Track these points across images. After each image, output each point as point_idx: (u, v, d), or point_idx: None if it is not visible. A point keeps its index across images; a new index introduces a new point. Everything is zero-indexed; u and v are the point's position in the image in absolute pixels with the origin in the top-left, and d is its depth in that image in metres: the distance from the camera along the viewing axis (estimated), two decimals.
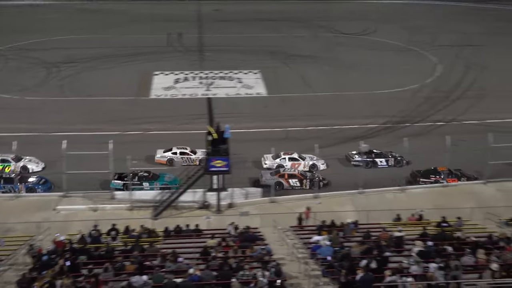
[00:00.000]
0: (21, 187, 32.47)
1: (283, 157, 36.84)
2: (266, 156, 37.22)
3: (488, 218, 28.43)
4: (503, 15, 78.78)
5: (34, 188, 32.83)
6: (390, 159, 37.05)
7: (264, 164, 36.81)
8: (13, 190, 32.30)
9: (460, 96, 50.24)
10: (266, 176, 34.35)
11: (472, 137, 39.57)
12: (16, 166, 34.59)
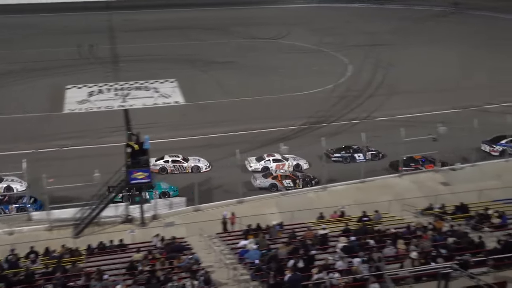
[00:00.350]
0: (12, 208, 31.53)
1: (267, 159, 37.22)
2: (249, 159, 37.36)
3: (405, 209, 29.70)
4: (407, 14, 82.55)
5: (25, 207, 31.43)
6: (368, 154, 38.08)
7: (249, 167, 36.85)
8: (3, 212, 31.28)
9: (372, 94, 52.16)
10: (260, 180, 34.47)
11: (385, 132, 41.30)
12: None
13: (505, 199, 30.48)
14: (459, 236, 23.62)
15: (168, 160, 37.02)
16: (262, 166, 36.90)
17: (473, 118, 38.73)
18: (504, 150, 38.80)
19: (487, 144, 39.52)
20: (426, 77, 56.36)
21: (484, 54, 63.76)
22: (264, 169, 36.62)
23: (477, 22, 78.59)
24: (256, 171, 36.54)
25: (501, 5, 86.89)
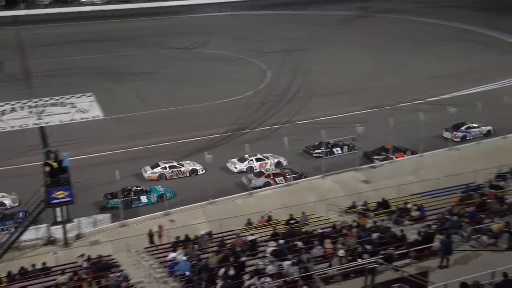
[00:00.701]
0: (9, 224, 30.42)
1: (250, 159, 37.89)
2: (232, 161, 37.98)
3: (330, 209, 30.45)
4: (319, 19, 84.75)
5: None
6: (345, 147, 40.10)
7: (234, 169, 37.49)
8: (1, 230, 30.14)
9: (292, 98, 53.13)
10: (255, 180, 35.05)
11: (307, 135, 42.19)
12: None
13: (422, 193, 31.99)
14: (382, 231, 24.49)
15: (166, 167, 37.03)
16: (246, 167, 37.55)
17: (388, 116, 40.47)
18: (464, 135, 42.08)
19: (449, 131, 41.80)
20: (342, 79, 58.07)
21: (394, 55, 66.53)
22: (249, 169, 37.32)
23: (385, 25, 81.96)
24: (241, 171, 37.16)
25: (409, 8, 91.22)
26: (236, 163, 37.98)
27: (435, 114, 45.09)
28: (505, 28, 75.59)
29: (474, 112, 41.27)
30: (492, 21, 79.46)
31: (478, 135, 42.52)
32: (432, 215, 27.66)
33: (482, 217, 25.23)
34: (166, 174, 36.81)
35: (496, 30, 75.13)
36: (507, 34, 72.84)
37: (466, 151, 39.18)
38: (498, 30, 74.87)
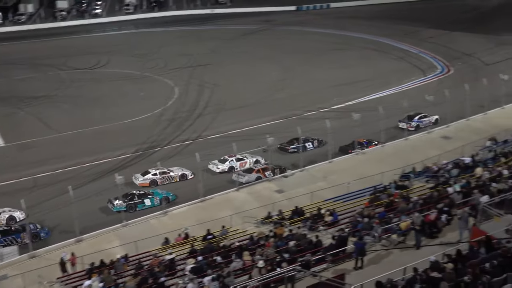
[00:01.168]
0: (24, 236, 30.55)
1: (230, 159, 39.90)
2: (213, 163, 39.91)
3: (246, 221, 30.65)
4: (223, 34, 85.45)
5: (38, 234, 31.15)
6: (315, 142, 43.50)
7: (216, 169, 39.55)
8: (15, 241, 30.64)
9: (201, 113, 53.11)
10: (248, 176, 37.24)
11: (218, 149, 42.35)
12: (1, 218, 32.91)
13: (334, 198, 32.98)
14: (298, 238, 24.96)
15: (156, 173, 37.99)
16: (228, 167, 39.63)
17: (296, 126, 41.50)
18: (417, 125, 46.19)
19: (404, 122, 45.84)
20: (249, 92, 58.83)
21: (297, 65, 68.31)
22: (231, 169, 39.37)
23: (287, 37, 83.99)
24: (224, 171, 39.39)
25: (308, 19, 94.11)
26: (218, 164, 39.86)
27: (341, 121, 46.84)
28: (395, 35, 79.99)
29: (376, 116, 43.24)
30: (384, 29, 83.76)
31: (428, 124, 46.36)
32: (345, 219, 28.56)
33: (390, 217, 26.38)
34: (157, 180, 37.85)
35: (388, 37, 79.28)
36: (398, 42, 77.08)
37: (372, 154, 40.92)
38: (390, 38, 79.05)
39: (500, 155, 35.51)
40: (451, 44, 75.25)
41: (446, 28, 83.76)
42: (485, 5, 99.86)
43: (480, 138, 40.70)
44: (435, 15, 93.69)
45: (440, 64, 67.25)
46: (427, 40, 77.81)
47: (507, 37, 77.19)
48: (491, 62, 66.57)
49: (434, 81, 61.24)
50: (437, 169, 34.88)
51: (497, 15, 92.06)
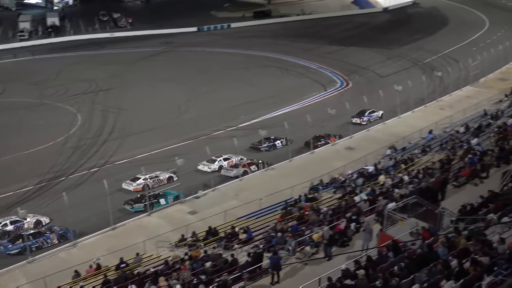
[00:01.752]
0: (53, 237, 33.07)
1: (219, 159, 42.95)
2: (202, 164, 42.65)
3: (160, 246, 30.08)
4: (124, 58, 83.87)
5: (65, 234, 33.30)
6: (283, 140, 47.05)
7: (208, 169, 42.27)
8: (46, 242, 32.75)
9: (107, 139, 51.71)
10: (236, 170, 41.23)
11: (127, 174, 41.39)
12: (29, 223, 34.85)
13: (247, 215, 33.17)
14: (214, 259, 24.82)
15: (146, 178, 39.98)
16: (218, 166, 42.48)
17: (205, 146, 41.51)
18: (368, 119, 51.63)
19: (357, 117, 51.31)
20: (154, 114, 58.08)
21: (201, 86, 68.33)
22: (220, 168, 42.38)
23: (190, 58, 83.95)
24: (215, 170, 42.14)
25: (211, 39, 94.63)
26: (208, 164, 42.62)
27: (249, 138, 47.47)
28: (296, 52, 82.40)
29: (283, 132, 44.18)
30: (284, 47, 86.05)
31: (376, 118, 52.05)
32: (259, 235, 28.79)
33: (303, 229, 26.92)
34: (148, 184, 39.61)
35: (289, 55, 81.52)
36: (299, 59, 79.43)
37: (281, 169, 41.69)
38: (291, 55, 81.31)
39: (400, 162, 37.40)
40: (347, 58, 78.56)
41: (341, 44, 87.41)
42: (373, 22, 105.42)
43: (381, 147, 42.67)
44: (329, 32, 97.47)
45: (339, 78, 69.98)
46: (325, 56, 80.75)
47: (397, 50, 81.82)
48: (385, 74, 70.23)
49: (334, 94, 63.55)
50: (343, 179, 36.11)
51: (385, 30, 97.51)
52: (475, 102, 52.74)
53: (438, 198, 27.00)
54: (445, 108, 53.69)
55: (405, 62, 75.76)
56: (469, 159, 31.24)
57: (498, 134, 35.30)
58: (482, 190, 25.53)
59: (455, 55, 76.28)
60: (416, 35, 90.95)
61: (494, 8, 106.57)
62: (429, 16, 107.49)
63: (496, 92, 56.18)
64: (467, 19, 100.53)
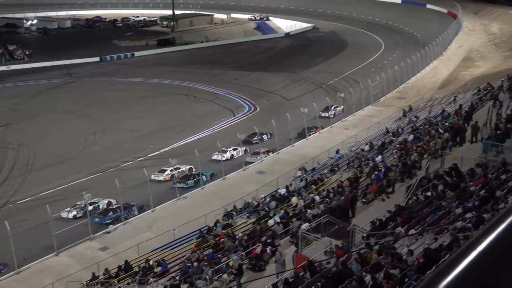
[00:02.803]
0: (135, 209, 39.06)
1: (229, 149, 50.42)
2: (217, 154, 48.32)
3: (69, 287, 28.68)
4: (22, 91, 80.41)
5: (143, 207, 39.73)
6: (268, 134, 55.14)
7: (222, 158, 47.35)
8: (130, 214, 38.41)
9: (7, 177, 49.00)
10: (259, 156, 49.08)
11: (31, 214, 39.34)
12: (103, 203, 41.09)
13: (161, 246, 32.48)
14: None
15: (172, 169, 44.62)
16: (230, 154, 49.97)
17: (114, 178, 40.35)
18: (334, 113, 60.15)
19: (325, 111, 60.34)
20: (58, 149, 55.88)
21: (106, 117, 66.75)
22: (232, 156, 50.01)
23: (93, 88, 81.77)
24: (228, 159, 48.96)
25: (113, 69, 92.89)
26: (222, 154, 47.91)
27: (160, 167, 46.84)
28: (203, 79, 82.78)
29: (194, 160, 43.94)
30: (191, 74, 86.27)
31: (339, 112, 61.06)
32: (175, 266, 28.23)
33: (219, 257, 26.72)
34: (174, 174, 44.57)
35: (196, 82, 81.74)
36: (206, 85, 79.84)
37: (193, 197, 41.33)
38: (199, 82, 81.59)
39: (311, 182, 38.26)
40: (254, 83, 79.96)
41: (247, 69, 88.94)
42: (277, 47, 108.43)
43: (291, 169, 43.47)
44: (235, 58, 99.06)
45: (247, 103, 70.98)
46: (232, 81, 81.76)
47: (301, 74, 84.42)
48: (291, 97, 72.09)
49: (243, 119, 64.30)
50: (256, 203, 36.35)
51: (288, 54, 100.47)
52: (377, 120, 55.25)
53: (349, 216, 27.85)
54: (349, 127, 55.80)
55: (309, 85, 78.23)
56: (375, 176, 32.49)
57: (400, 150, 37.06)
58: (389, 205, 26.60)
59: (355, 76, 79.88)
60: (318, 59, 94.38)
61: (390, 32, 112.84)
62: (329, 40, 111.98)
63: (396, 110, 59.24)
64: (364, 42, 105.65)
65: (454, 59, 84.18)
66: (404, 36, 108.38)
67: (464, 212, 21.23)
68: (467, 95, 53.54)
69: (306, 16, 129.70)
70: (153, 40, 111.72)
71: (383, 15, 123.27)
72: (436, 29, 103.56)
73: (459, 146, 34.87)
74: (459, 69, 78.97)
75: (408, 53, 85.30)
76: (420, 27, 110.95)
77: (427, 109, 53.95)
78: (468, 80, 70.90)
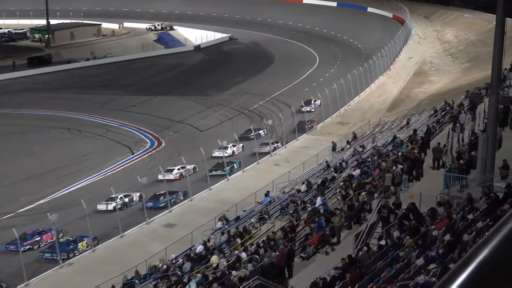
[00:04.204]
0: (181, 194, 51.62)
1: (228, 146, 60.57)
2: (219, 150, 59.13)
3: None
4: None
5: (186, 192, 51.51)
6: (265, 130, 67.05)
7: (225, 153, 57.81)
8: (177, 198, 51.03)
9: None
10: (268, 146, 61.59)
11: None
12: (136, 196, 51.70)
13: None
14: None
15: (179, 168, 55.46)
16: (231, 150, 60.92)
17: None
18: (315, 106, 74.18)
19: (306, 106, 73.93)
20: None
21: None
22: (232, 153, 60.83)
23: None
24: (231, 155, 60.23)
25: None
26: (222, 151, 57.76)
27: (36, 224, 45.42)
28: (87, 108, 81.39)
29: (79, 212, 42.96)
30: (73, 102, 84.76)
31: (318, 106, 73.59)
32: None
33: None
34: (182, 172, 54.89)
35: (81, 111, 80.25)
36: (92, 116, 78.59)
37: (80, 264, 40.35)
38: (83, 112, 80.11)
39: (235, 235, 38.13)
40: (157, 111, 79.55)
41: (147, 93, 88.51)
42: (184, 63, 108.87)
43: (209, 219, 43.26)
44: (132, 79, 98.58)
45: (149, 137, 70.41)
46: (128, 109, 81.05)
47: (217, 97, 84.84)
48: (206, 127, 72.25)
49: (144, 158, 63.63)
50: (166, 266, 35.75)
51: (200, 73, 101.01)
52: (315, 153, 56.30)
53: (285, 276, 27.90)
54: (280, 163, 56.58)
55: (228, 111, 78.91)
56: (315, 224, 32.85)
57: (345, 189, 37.79)
58: (335, 259, 26.91)
59: (285, 98, 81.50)
60: (238, 77, 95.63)
61: (325, 42, 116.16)
62: (250, 53, 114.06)
63: (337, 138, 60.67)
64: (295, 55, 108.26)
65: (404, 73, 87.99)
66: (343, 46, 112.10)
67: (427, 263, 21.78)
68: (422, 117, 55.80)
69: (220, 24, 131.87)
70: (22, 58, 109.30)
71: (316, 22, 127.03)
72: (380, 37, 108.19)
73: (416, 181, 36.01)
74: (410, 86, 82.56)
75: (348, 67, 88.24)
76: (361, 36, 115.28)
77: (374, 137, 55.64)
78: (422, 99, 74.21)
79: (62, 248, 41.27)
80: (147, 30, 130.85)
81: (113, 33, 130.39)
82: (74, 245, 42.65)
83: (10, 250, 42.81)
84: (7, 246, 42.93)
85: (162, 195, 49.92)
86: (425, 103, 68.53)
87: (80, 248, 42.60)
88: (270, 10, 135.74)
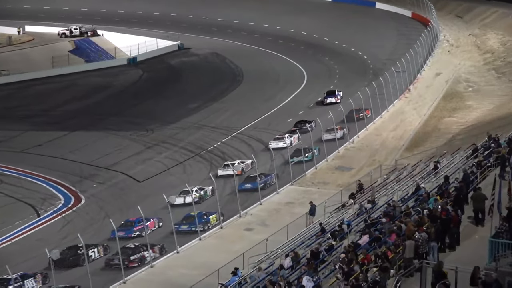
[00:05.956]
0: (274, 176, 67.56)
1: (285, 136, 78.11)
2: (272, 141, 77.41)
3: None
4: None
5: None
6: (313, 123, 79.97)
7: (283, 145, 75.25)
8: (272, 181, 67.80)
9: None
10: (338, 133, 76.48)
11: None
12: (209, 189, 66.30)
13: None
14: None
15: (240, 163, 71.55)
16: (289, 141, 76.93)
17: None
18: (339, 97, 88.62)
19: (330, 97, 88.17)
20: None
21: None
22: (291, 143, 76.78)
23: None
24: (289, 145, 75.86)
25: None
26: (283, 141, 76.11)
27: None
28: None
29: None
30: None
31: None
32: None
33: None
34: (243, 167, 70.95)
35: None
36: None
37: None
38: None
39: None
40: (75, 153, 78.92)
41: (59, 127, 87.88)
42: (114, 84, 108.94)
43: None
44: (37, 107, 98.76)
45: (62, 191, 69.72)
46: (33, 151, 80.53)
47: (160, 132, 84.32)
48: (145, 176, 71.50)
49: (57, 221, 62.84)
50: None
51: (135, 97, 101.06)
52: (302, 211, 55.94)
53: None
54: (254, 227, 56.18)
55: (177, 152, 78.34)
56: None
57: (348, 264, 37.64)
58: None
59: (259, 133, 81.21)
60: (191, 103, 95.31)
61: (316, 51, 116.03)
62: (209, 68, 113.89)
63: (335, 190, 60.52)
64: (273, 71, 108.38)
65: (430, 96, 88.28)
66: (341, 58, 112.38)
67: None
68: (457, 159, 55.68)
69: (165, 27, 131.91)
70: None
71: (303, 23, 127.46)
72: (394, 45, 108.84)
73: (450, 251, 35.89)
74: (439, 114, 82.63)
75: (349, 88, 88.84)
76: (367, 43, 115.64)
77: (387, 188, 55.47)
78: (455, 133, 74.29)
79: (199, 220, 56.92)
80: (60, 37, 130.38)
81: (9, 41, 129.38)
82: (207, 218, 58.35)
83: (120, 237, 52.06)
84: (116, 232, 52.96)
85: (258, 176, 65.53)
86: (460, 139, 68.83)
87: (212, 221, 58.19)
88: (237, 7, 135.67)
